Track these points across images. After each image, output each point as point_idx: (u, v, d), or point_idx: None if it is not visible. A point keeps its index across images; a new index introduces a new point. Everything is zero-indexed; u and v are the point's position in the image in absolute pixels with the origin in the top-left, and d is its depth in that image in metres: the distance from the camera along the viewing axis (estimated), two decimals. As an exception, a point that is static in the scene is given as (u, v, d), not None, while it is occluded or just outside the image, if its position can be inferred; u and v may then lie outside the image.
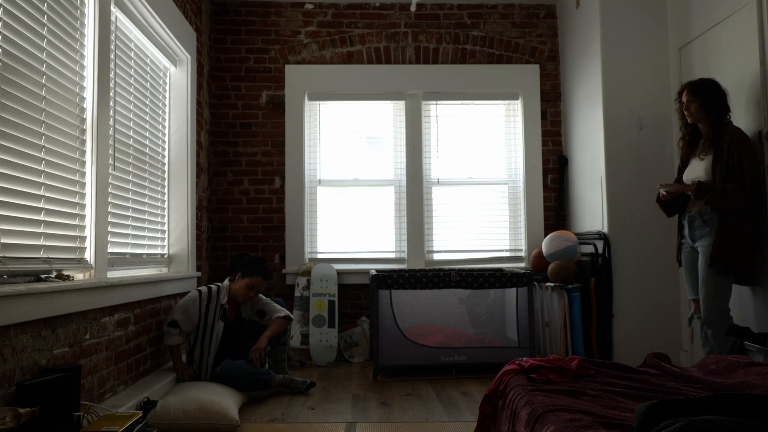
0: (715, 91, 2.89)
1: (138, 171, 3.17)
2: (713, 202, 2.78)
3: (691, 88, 2.95)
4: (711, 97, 2.88)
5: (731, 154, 2.78)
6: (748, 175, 2.72)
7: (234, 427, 2.60)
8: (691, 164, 3.02)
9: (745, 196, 2.71)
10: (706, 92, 2.89)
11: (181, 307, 3.16)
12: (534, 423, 1.59)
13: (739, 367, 1.97)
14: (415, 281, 3.65)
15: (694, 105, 2.92)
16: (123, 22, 2.97)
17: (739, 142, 2.78)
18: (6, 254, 1.93)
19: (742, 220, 2.77)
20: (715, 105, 2.88)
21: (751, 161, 2.74)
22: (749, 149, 2.76)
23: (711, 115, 2.89)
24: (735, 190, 2.72)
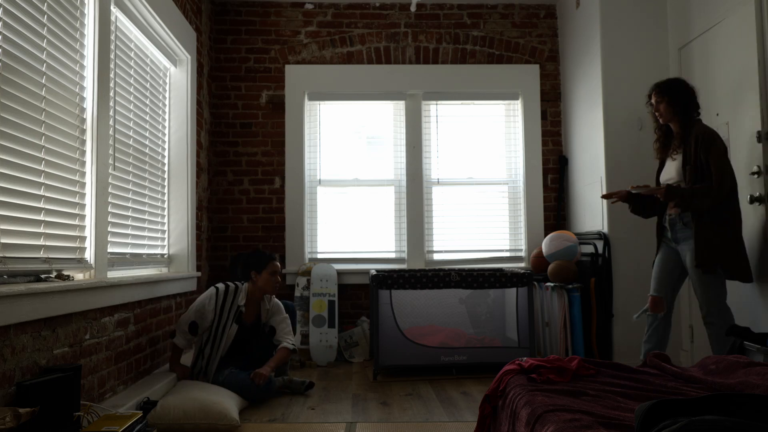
0: (682, 90, 2.91)
1: (138, 171, 3.17)
2: (682, 204, 2.81)
3: (658, 88, 2.96)
4: (678, 96, 2.89)
5: (698, 153, 2.80)
6: (715, 175, 2.73)
7: (234, 428, 2.60)
8: (666, 165, 3.04)
9: (712, 196, 2.73)
10: (673, 92, 2.91)
11: (199, 305, 3.12)
12: (534, 423, 1.59)
13: (739, 367, 1.97)
14: (415, 281, 3.65)
15: (663, 105, 2.94)
16: (123, 22, 2.97)
17: (704, 141, 2.79)
18: (6, 254, 1.93)
19: (719, 218, 2.78)
20: (683, 104, 2.89)
21: (717, 160, 2.74)
22: (715, 148, 2.76)
23: (679, 114, 2.90)
24: (703, 191, 2.74)
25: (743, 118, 3.06)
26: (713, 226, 2.78)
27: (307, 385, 3.25)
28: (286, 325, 3.30)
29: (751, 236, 3.03)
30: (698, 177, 2.79)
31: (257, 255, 3.27)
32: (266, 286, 3.22)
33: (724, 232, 2.77)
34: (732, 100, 3.17)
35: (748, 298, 3.05)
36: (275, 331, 3.27)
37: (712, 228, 2.78)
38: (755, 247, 2.99)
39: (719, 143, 2.78)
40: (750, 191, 2.99)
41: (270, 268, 3.22)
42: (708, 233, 2.78)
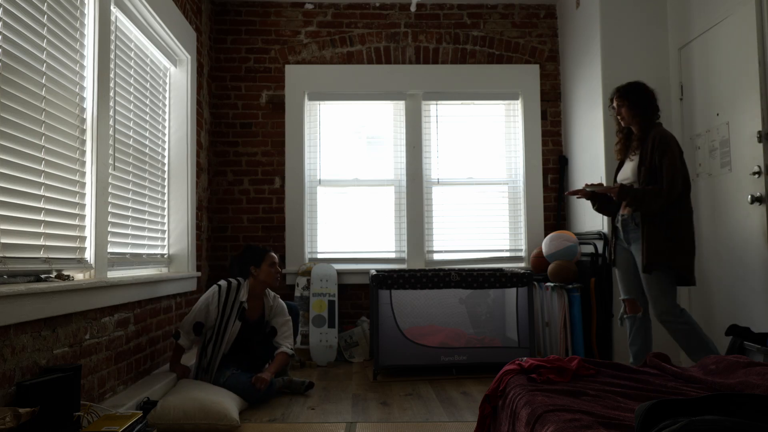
0: (642, 93, 2.97)
1: (138, 171, 3.17)
2: (633, 204, 2.87)
3: (619, 92, 3.02)
4: (638, 100, 2.95)
5: (653, 155, 2.85)
6: (666, 177, 2.79)
7: (234, 428, 2.60)
8: (624, 166, 3.09)
9: (662, 199, 2.78)
10: (633, 95, 2.97)
11: (203, 304, 3.11)
12: (534, 423, 1.59)
13: (739, 367, 1.97)
14: (415, 281, 3.65)
15: (624, 108, 3.00)
16: (123, 22, 2.97)
17: (660, 144, 2.84)
18: (6, 254, 1.93)
19: (668, 220, 2.83)
20: (642, 106, 2.95)
21: (670, 163, 2.80)
22: (669, 151, 2.81)
23: (639, 116, 2.96)
24: (654, 192, 2.80)
25: (743, 118, 3.06)
26: (661, 227, 2.84)
27: (307, 385, 3.25)
28: (288, 328, 3.29)
29: (751, 236, 3.03)
30: (652, 178, 2.86)
31: (252, 249, 3.28)
32: (268, 279, 3.22)
33: (672, 234, 2.83)
34: (732, 100, 3.17)
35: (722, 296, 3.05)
36: (276, 332, 3.27)
37: (659, 230, 2.84)
38: (756, 248, 2.99)
39: (674, 147, 2.84)
40: (750, 191, 3.00)
41: (268, 260, 3.23)
42: (655, 235, 2.84)
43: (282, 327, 3.27)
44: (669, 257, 2.81)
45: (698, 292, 3.54)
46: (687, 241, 2.83)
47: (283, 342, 3.24)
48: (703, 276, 3.49)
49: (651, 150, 2.86)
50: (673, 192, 2.78)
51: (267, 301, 3.29)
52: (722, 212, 3.27)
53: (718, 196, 3.31)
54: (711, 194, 3.38)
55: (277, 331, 3.26)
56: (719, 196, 3.30)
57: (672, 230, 2.82)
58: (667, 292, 2.83)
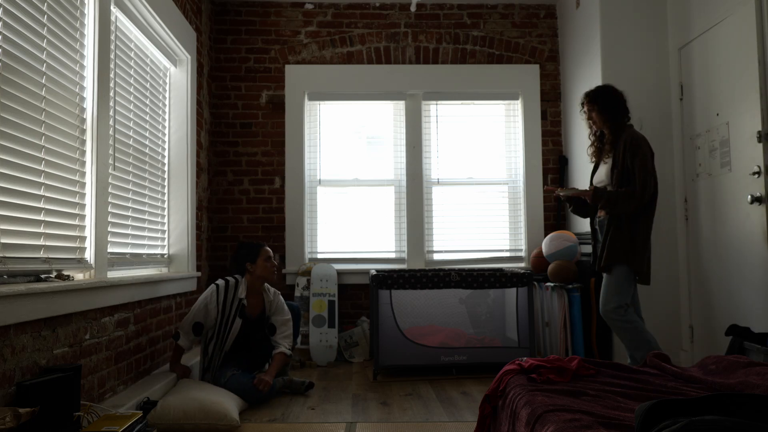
0: (610, 97, 3.00)
1: (138, 171, 3.17)
2: (606, 207, 2.91)
3: (588, 97, 3.05)
4: (607, 103, 2.99)
5: (625, 158, 2.89)
6: (638, 179, 2.83)
7: (234, 428, 2.60)
8: (598, 168, 3.13)
9: (634, 201, 2.83)
10: (601, 99, 3.00)
11: (201, 304, 3.11)
12: (534, 423, 1.59)
13: (739, 367, 1.97)
14: (415, 281, 3.65)
15: (594, 113, 3.04)
16: (123, 22, 2.97)
17: (631, 146, 2.88)
18: (6, 254, 1.93)
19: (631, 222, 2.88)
20: (612, 109, 2.99)
21: (641, 166, 2.84)
22: (640, 153, 2.85)
23: (609, 120, 2.99)
24: (627, 194, 2.84)
25: (743, 118, 3.06)
26: (622, 228, 2.89)
27: (307, 385, 3.25)
28: (287, 328, 3.28)
29: (751, 236, 3.03)
30: (624, 181, 2.90)
31: (246, 246, 3.28)
32: (264, 273, 3.23)
33: (629, 234, 2.88)
34: (732, 100, 3.17)
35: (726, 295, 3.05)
36: (275, 330, 3.27)
37: (622, 231, 2.89)
38: (756, 248, 2.99)
39: (645, 149, 2.88)
40: (750, 191, 3.00)
41: (263, 255, 3.24)
42: (617, 236, 2.90)
43: (282, 326, 3.27)
44: (626, 258, 2.87)
45: (698, 292, 3.55)
46: (642, 241, 2.89)
47: (281, 342, 3.23)
48: (703, 276, 3.49)
49: (623, 153, 2.91)
50: (646, 194, 2.83)
51: (267, 297, 3.29)
52: (722, 212, 3.27)
53: (718, 196, 3.31)
54: (711, 194, 3.38)
55: (276, 330, 3.26)
56: (719, 196, 3.30)
57: (629, 232, 2.89)
58: (621, 291, 2.89)
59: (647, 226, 2.92)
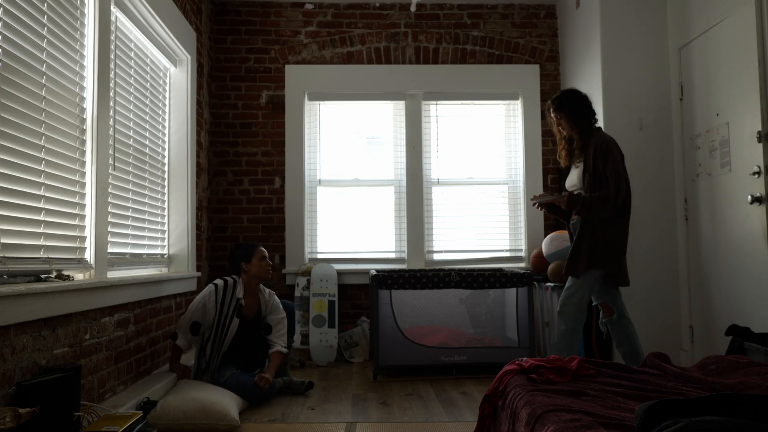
0: (576, 101, 3.01)
1: (138, 171, 3.17)
2: (581, 213, 2.92)
3: (554, 104, 3.05)
4: (573, 109, 2.99)
5: (596, 162, 2.90)
6: (611, 183, 2.84)
7: (234, 428, 2.60)
8: (570, 173, 3.13)
9: (609, 205, 2.84)
10: (567, 105, 3.01)
11: (199, 304, 3.11)
12: (534, 423, 1.59)
13: (739, 367, 1.97)
14: (415, 281, 3.65)
15: (563, 120, 3.04)
16: (123, 22, 2.97)
17: (602, 150, 2.89)
18: (6, 254, 1.93)
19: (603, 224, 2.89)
20: (579, 114, 2.99)
21: (613, 169, 2.85)
22: (611, 157, 2.86)
23: (577, 125, 3.00)
24: (601, 198, 2.85)
25: (743, 118, 3.06)
26: (592, 233, 2.91)
27: (307, 385, 3.25)
28: (282, 326, 3.31)
29: (751, 236, 3.03)
30: (596, 185, 2.91)
31: (242, 246, 3.31)
32: (260, 272, 3.24)
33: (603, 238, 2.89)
34: (732, 100, 3.17)
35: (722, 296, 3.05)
36: (271, 329, 3.28)
37: (587, 235, 2.91)
38: (756, 248, 3.00)
39: (615, 152, 2.89)
40: (750, 191, 3.00)
41: (258, 255, 3.26)
42: (581, 240, 2.92)
43: (277, 325, 3.29)
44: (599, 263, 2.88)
45: (698, 292, 3.55)
46: (618, 245, 2.90)
47: (276, 341, 3.26)
48: (703, 276, 3.49)
49: (593, 157, 2.91)
50: (618, 198, 2.84)
51: (263, 297, 3.30)
52: (722, 212, 3.27)
53: (717, 197, 3.31)
54: (711, 194, 3.38)
55: (272, 329, 3.28)
56: (719, 196, 3.30)
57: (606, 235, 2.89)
58: (580, 290, 2.91)
59: (621, 229, 2.92)
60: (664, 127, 3.83)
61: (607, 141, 2.91)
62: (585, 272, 2.89)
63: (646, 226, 3.78)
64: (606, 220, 2.90)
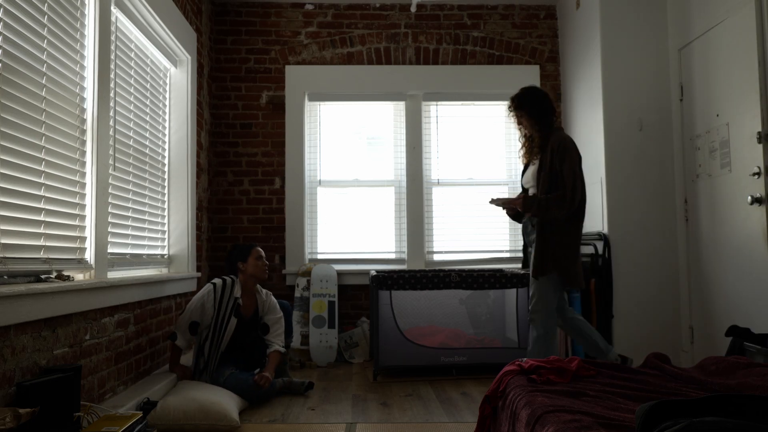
0: (537, 101, 3.00)
1: (138, 171, 3.17)
2: (538, 214, 2.91)
3: (513, 103, 3.05)
4: (533, 108, 2.99)
5: (553, 161, 2.89)
6: (567, 183, 2.83)
7: (234, 428, 2.59)
8: (528, 170, 3.12)
9: (566, 205, 2.83)
10: (527, 104, 3.00)
11: (197, 303, 3.11)
12: (534, 423, 1.59)
13: (739, 368, 1.97)
14: (415, 282, 3.65)
15: (524, 119, 3.04)
16: (123, 22, 2.97)
17: (559, 150, 2.88)
18: (6, 254, 1.93)
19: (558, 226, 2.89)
20: (539, 113, 2.99)
21: (570, 169, 2.84)
22: (569, 157, 2.86)
23: (537, 124, 3.00)
24: (557, 199, 2.84)
25: (743, 118, 3.06)
26: (551, 234, 2.90)
27: (307, 385, 3.25)
28: (280, 326, 3.33)
29: (751, 237, 3.03)
30: (553, 184, 2.90)
31: (238, 247, 3.34)
32: (256, 271, 3.26)
33: (559, 239, 2.89)
34: (732, 100, 3.17)
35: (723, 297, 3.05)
36: (268, 329, 3.29)
37: (547, 236, 2.90)
38: (756, 248, 3.00)
39: (573, 153, 2.89)
40: (750, 192, 3.00)
41: (254, 254, 3.28)
42: (543, 241, 2.91)
43: (274, 325, 3.31)
44: (556, 265, 2.88)
45: (698, 292, 3.55)
46: (571, 247, 2.90)
47: (274, 340, 3.27)
48: (703, 276, 3.49)
49: (551, 156, 2.91)
50: (575, 198, 2.84)
51: (260, 297, 3.32)
52: (722, 213, 3.27)
53: (717, 197, 3.31)
54: (711, 195, 3.38)
55: (269, 329, 3.29)
56: (719, 196, 3.30)
57: (558, 237, 2.89)
58: (545, 295, 2.90)
59: (577, 230, 2.92)
60: (664, 128, 3.83)
61: (565, 141, 2.90)
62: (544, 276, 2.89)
63: (646, 226, 3.78)
64: (562, 222, 2.89)
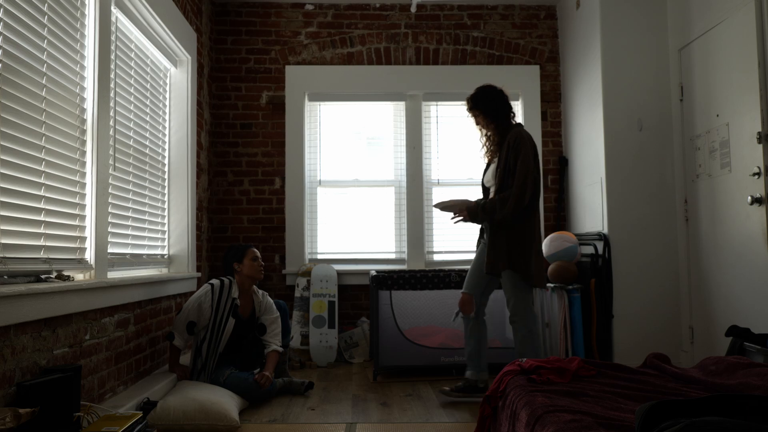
0: (491, 98, 3.00)
1: (138, 171, 3.17)
2: (487, 219, 2.92)
3: (470, 103, 3.05)
4: (488, 107, 2.99)
5: (509, 157, 2.89)
6: (517, 180, 2.82)
7: (234, 428, 2.59)
8: (488, 169, 3.12)
9: (512, 203, 2.82)
10: (482, 103, 3.00)
11: (194, 303, 3.11)
12: (534, 424, 1.59)
13: (739, 368, 1.97)
14: (415, 282, 3.65)
15: (480, 117, 3.03)
16: (123, 22, 2.98)
17: (514, 146, 2.88)
18: (6, 254, 1.93)
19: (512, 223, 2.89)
20: (494, 110, 2.99)
21: (522, 166, 2.83)
22: (522, 153, 2.85)
23: (494, 122, 3.00)
24: (502, 201, 2.85)
25: (743, 118, 3.06)
26: (504, 231, 2.90)
27: (307, 385, 3.25)
28: (277, 326, 3.33)
29: (751, 237, 3.03)
30: (505, 182, 2.91)
31: (234, 247, 3.33)
32: (251, 272, 3.25)
33: (513, 236, 2.89)
34: (732, 100, 3.17)
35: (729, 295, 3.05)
36: (265, 329, 3.30)
37: (502, 233, 2.90)
38: (756, 249, 3.00)
39: (527, 149, 2.87)
40: (750, 192, 3.00)
41: (249, 255, 3.27)
42: (497, 239, 2.91)
43: (271, 325, 3.32)
44: (509, 262, 2.87)
45: (698, 292, 3.55)
46: (526, 245, 2.88)
47: (271, 340, 3.28)
48: (703, 277, 3.49)
49: (506, 152, 2.91)
50: (524, 195, 2.82)
51: (256, 298, 3.32)
52: (722, 213, 3.27)
53: (717, 197, 3.31)
54: (711, 195, 3.38)
55: (266, 329, 3.30)
56: (719, 197, 3.30)
57: (513, 234, 2.88)
58: (516, 295, 2.89)
59: (531, 227, 2.90)
60: (664, 128, 3.83)
61: (521, 137, 2.89)
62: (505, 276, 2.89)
63: (646, 226, 3.78)
64: (515, 221, 2.87)
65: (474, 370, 3.07)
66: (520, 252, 2.87)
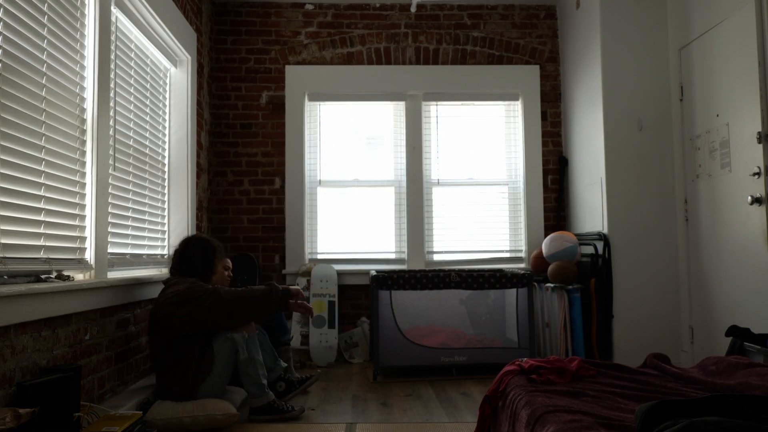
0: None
1: (138, 171, 3.17)
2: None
3: None
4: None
5: None
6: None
7: (233, 416, 2.57)
8: None
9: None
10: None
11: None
12: (534, 424, 1.59)
13: (739, 367, 1.97)
14: (415, 282, 3.65)
15: None
16: (123, 22, 2.98)
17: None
18: (6, 254, 1.93)
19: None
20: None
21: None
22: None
23: None
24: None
25: (743, 118, 3.06)
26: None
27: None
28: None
29: (751, 237, 3.03)
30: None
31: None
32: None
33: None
34: (732, 101, 3.17)
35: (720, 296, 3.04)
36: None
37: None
38: (756, 249, 2.99)
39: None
40: (750, 192, 3.00)
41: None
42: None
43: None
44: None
45: (698, 292, 3.55)
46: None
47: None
48: (703, 276, 3.49)
49: None
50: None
51: None
52: (722, 213, 3.27)
53: (717, 197, 3.31)
54: (711, 195, 3.38)
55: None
56: (719, 197, 3.30)
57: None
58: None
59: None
60: (664, 128, 3.83)
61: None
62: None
63: (646, 226, 3.78)
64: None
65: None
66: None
